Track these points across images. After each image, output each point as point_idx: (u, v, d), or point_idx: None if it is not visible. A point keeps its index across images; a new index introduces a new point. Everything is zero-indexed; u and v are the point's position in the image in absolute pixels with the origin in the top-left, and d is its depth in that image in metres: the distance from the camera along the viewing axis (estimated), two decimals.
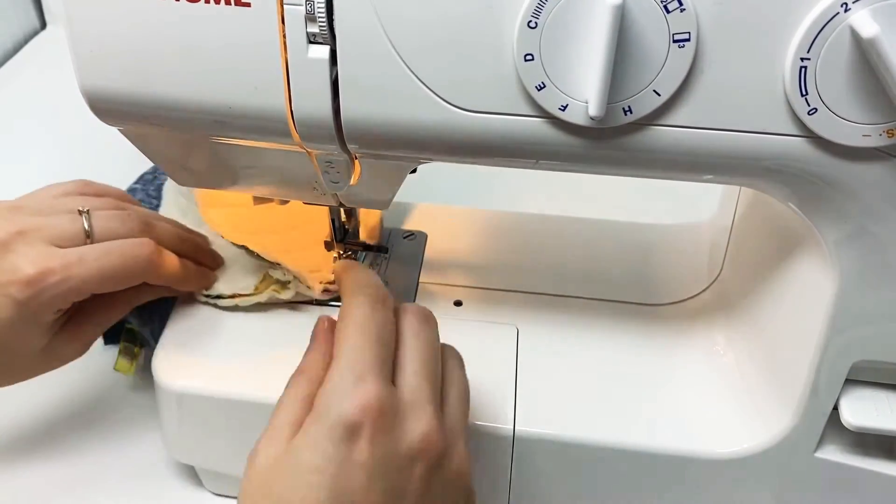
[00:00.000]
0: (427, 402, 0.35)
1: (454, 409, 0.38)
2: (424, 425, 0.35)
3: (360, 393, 0.34)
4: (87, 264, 0.42)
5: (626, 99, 0.33)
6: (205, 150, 0.42)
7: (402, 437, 0.34)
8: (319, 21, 0.33)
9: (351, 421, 0.33)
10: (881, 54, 0.30)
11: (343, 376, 0.35)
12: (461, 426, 0.37)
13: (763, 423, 0.45)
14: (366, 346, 0.36)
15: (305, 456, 0.33)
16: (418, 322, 0.39)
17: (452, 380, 0.39)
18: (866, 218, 0.36)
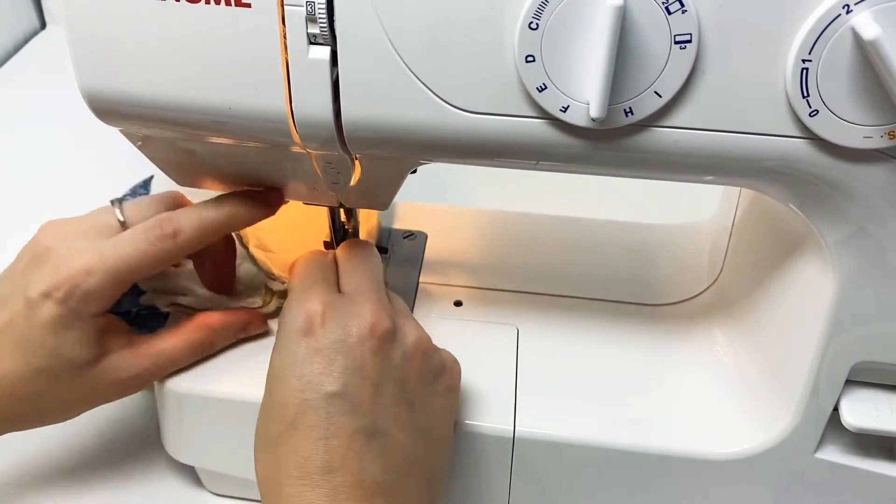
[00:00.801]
0: (369, 291, 0.42)
1: (397, 301, 0.44)
2: (368, 308, 0.40)
3: (306, 301, 0.40)
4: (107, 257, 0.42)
5: (628, 100, 0.33)
6: (205, 151, 0.42)
7: (350, 322, 0.39)
8: (320, 22, 0.33)
9: (303, 323, 0.39)
10: (883, 56, 0.30)
11: (292, 299, 0.41)
12: (408, 312, 0.43)
13: (763, 424, 0.45)
14: (307, 276, 0.43)
15: (275, 361, 0.40)
16: (351, 248, 0.46)
17: None
18: (867, 219, 0.36)
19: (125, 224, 0.44)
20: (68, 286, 0.41)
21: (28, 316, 0.41)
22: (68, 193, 0.47)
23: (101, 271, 0.42)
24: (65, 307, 0.41)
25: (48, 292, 0.41)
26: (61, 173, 0.76)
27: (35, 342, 0.42)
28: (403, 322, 0.42)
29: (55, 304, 0.41)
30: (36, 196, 0.73)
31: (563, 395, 0.47)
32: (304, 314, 0.40)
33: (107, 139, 0.44)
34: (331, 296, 0.41)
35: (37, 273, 0.42)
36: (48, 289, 0.41)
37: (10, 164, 0.78)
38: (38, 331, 0.41)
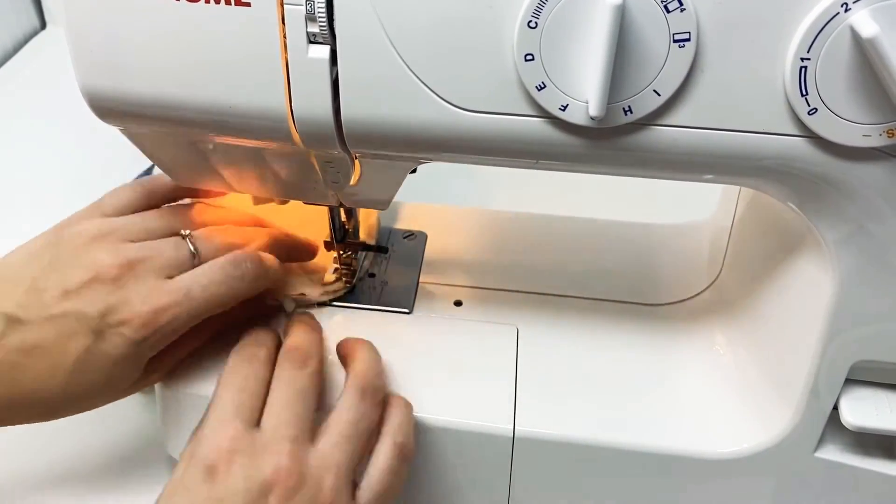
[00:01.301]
0: (284, 439, 0.38)
1: (329, 446, 0.39)
2: (277, 459, 0.37)
3: (217, 436, 0.38)
4: (194, 298, 0.42)
5: (627, 99, 0.33)
6: (205, 150, 0.42)
7: (256, 472, 0.37)
8: (319, 21, 0.33)
9: (210, 461, 0.37)
10: (881, 54, 0.30)
11: (205, 426, 0.39)
12: (335, 461, 0.39)
13: (763, 423, 0.45)
14: (228, 398, 0.40)
15: (175, 499, 0.37)
16: (286, 368, 0.42)
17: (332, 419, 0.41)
18: (866, 218, 0.36)
19: (198, 256, 0.44)
20: (150, 329, 0.41)
21: (89, 347, 0.40)
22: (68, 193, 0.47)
23: (187, 313, 0.42)
24: (138, 347, 0.41)
25: (122, 330, 0.40)
26: (61, 173, 0.76)
27: (92, 366, 0.41)
28: (319, 478, 0.38)
29: (130, 344, 0.41)
30: (36, 196, 0.73)
31: (563, 395, 0.47)
32: (212, 452, 0.37)
33: (107, 139, 0.44)
34: (239, 435, 0.38)
35: (105, 301, 0.40)
36: (121, 324, 0.40)
37: (10, 164, 0.78)
38: (100, 359, 0.41)
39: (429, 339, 0.50)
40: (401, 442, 0.41)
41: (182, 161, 0.44)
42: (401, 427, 0.42)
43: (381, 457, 0.41)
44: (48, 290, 0.41)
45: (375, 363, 0.44)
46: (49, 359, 0.40)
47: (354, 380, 0.42)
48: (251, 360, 0.42)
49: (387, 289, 0.53)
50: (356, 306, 0.52)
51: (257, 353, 0.42)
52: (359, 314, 0.52)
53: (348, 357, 0.45)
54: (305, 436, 0.39)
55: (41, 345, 0.40)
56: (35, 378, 0.40)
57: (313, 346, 0.44)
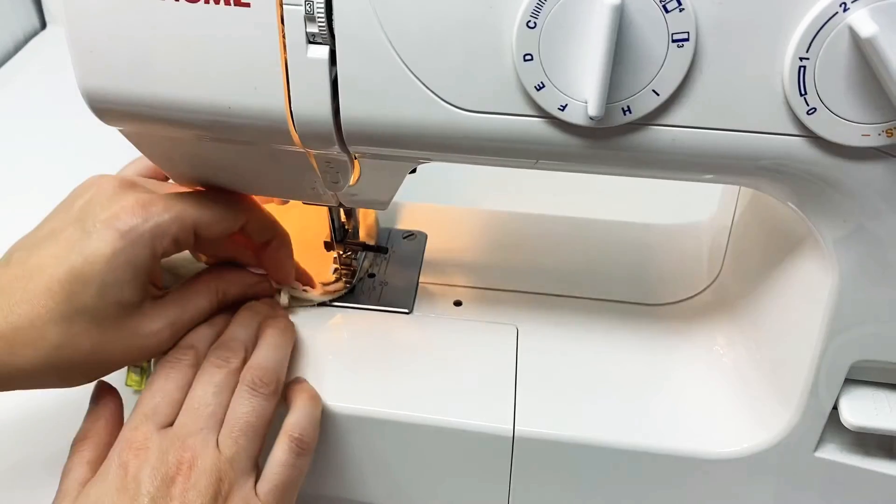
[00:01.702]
0: (187, 434, 0.40)
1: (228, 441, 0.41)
2: (177, 454, 0.39)
3: (131, 437, 0.40)
4: (186, 198, 0.43)
5: (626, 99, 0.33)
6: (204, 151, 0.42)
7: (160, 467, 0.39)
8: (319, 21, 0.33)
9: (123, 461, 0.39)
10: (880, 54, 0.30)
11: (124, 430, 0.41)
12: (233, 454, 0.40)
13: (763, 423, 0.45)
14: (146, 400, 0.42)
15: (91, 496, 0.39)
16: (206, 369, 0.43)
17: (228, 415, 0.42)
18: (866, 217, 0.36)
19: None
20: (139, 217, 0.41)
21: (83, 248, 0.40)
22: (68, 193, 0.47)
23: (181, 208, 0.42)
24: (125, 240, 0.40)
25: (110, 223, 0.40)
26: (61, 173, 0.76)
27: (85, 276, 0.40)
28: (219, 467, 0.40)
29: (117, 237, 0.40)
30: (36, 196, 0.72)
31: (562, 394, 0.47)
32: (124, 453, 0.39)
33: (107, 139, 0.44)
34: (153, 433, 0.40)
35: (95, 206, 0.41)
36: (109, 219, 0.40)
37: (10, 164, 0.78)
38: (92, 263, 0.40)
39: (429, 339, 0.50)
40: (297, 437, 0.42)
41: (181, 161, 0.44)
42: (297, 423, 0.43)
43: (279, 450, 0.42)
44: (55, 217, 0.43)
45: (275, 355, 0.45)
46: (44, 276, 0.40)
47: (247, 372, 0.43)
48: (174, 365, 0.43)
49: (387, 289, 0.53)
50: (356, 306, 0.52)
51: (182, 358, 0.44)
52: (359, 314, 0.52)
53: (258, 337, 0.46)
54: (211, 430, 0.41)
55: (41, 263, 0.40)
56: (30, 299, 0.40)
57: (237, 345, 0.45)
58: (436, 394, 0.46)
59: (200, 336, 0.45)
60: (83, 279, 0.40)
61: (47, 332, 0.40)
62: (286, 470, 0.42)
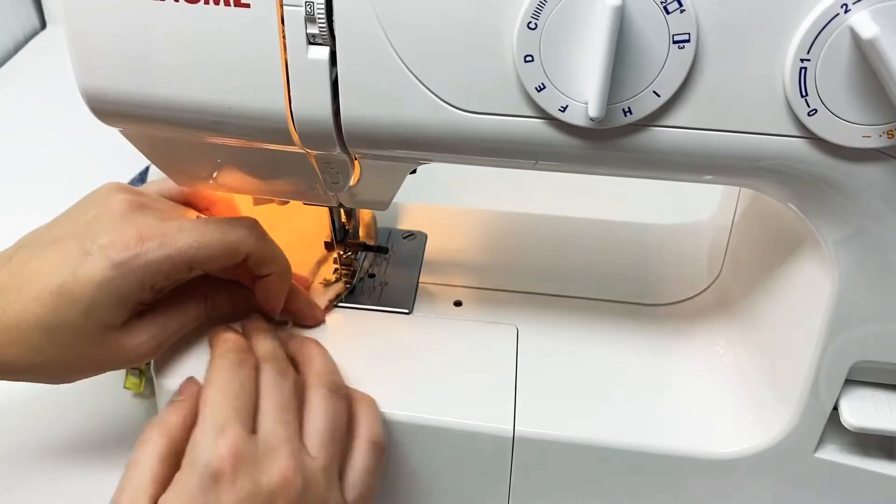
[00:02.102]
0: (281, 443, 0.39)
1: (316, 449, 0.40)
2: (279, 465, 0.38)
3: (220, 443, 0.37)
4: (185, 233, 0.42)
5: (626, 100, 0.33)
6: (204, 151, 0.42)
7: (261, 478, 0.37)
8: (319, 22, 0.33)
9: (213, 469, 0.37)
10: (881, 55, 0.30)
11: (206, 432, 0.38)
12: (324, 463, 0.40)
13: (763, 424, 0.45)
14: (224, 402, 0.39)
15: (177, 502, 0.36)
16: (273, 375, 0.42)
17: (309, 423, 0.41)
18: (866, 218, 0.36)
19: None
20: (132, 252, 0.41)
21: (77, 267, 0.40)
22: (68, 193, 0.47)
23: (176, 245, 0.41)
24: (117, 271, 0.40)
25: (105, 251, 0.40)
26: (61, 173, 0.76)
27: (73, 295, 0.40)
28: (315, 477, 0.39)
29: (110, 266, 0.40)
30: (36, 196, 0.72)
31: (563, 395, 0.47)
32: (215, 459, 0.37)
33: (107, 139, 0.44)
34: (242, 438, 0.38)
35: (98, 228, 0.41)
36: (105, 246, 0.41)
37: (9, 164, 0.78)
38: (81, 285, 0.40)
39: (429, 340, 0.50)
40: (375, 441, 0.42)
41: (181, 161, 0.44)
42: (371, 426, 0.43)
43: (359, 458, 0.42)
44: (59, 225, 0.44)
45: (330, 360, 0.45)
46: (39, 282, 0.41)
47: (318, 379, 0.43)
48: (241, 366, 0.42)
49: (387, 289, 0.53)
50: (356, 306, 0.52)
51: (246, 360, 0.43)
52: (359, 314, 0.52)
53: (300, 357, 0.45)
54: (299, 440, 0.40)
55: (38, 269, 0.41)
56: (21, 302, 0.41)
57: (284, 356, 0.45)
58: (436, 394, 0.46)
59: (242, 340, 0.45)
60: (71, 297, 0.41)
61: (32, 336, 0.41)
62: (369, 477, 0.42)
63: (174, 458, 0.38)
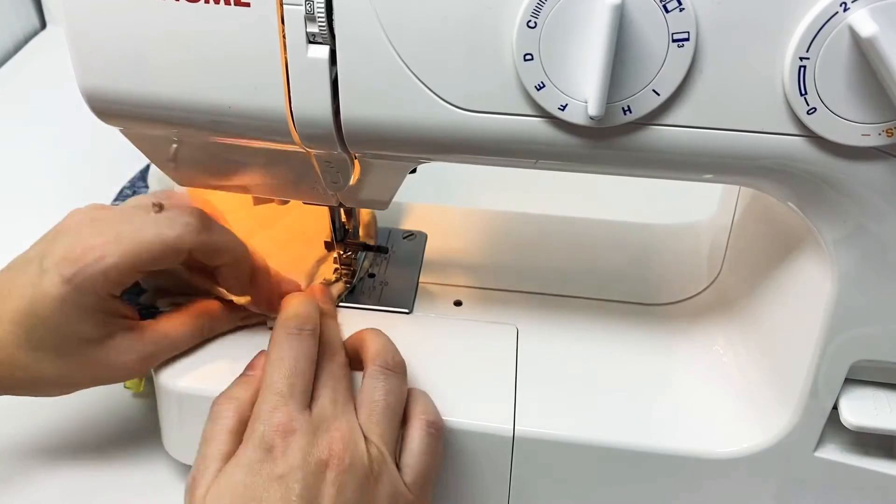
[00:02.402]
0: (333, 418, 0.40)
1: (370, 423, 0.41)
2: (327, 439, 0.39)
3: (274, 418, 0.39)
4: (123, 239, 0.42)
5: (626, 98, 0.33)
6: (204, 151, 0.42)
7: (312, 450, 0.39)
8: (319, 21, 0.33)
9: (267, 441, 0.39)
10: (880, 53, 0.30)
11: (262, 408, 0.40)
12: (378, 436, 0.41)
13: (763, 423, 0.45)
14: (281, 378, 0.41)
15: (237, 476, 0.38)
16: (328, 354, 0.44)
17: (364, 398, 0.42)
18: (866, 217, 0.36)
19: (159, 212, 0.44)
20: (78, 266, 0.41)
21: (37, 285, 0.41)
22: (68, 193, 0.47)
23: (116, 254, 0.41)
24: (70, 285, 0.41)
25: (58, 267, 0.41)
26: (61, 173, 0.76)
27: (39, 313, 0.42)
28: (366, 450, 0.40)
29: (62, 281, 0.41)
30: (36, 196, 0.73)
31: (562, 395, 0.47)
32: (268, 432, 0.39)
33: (107, 139, 0.44)
34: (295, 412, 0.40)
35: (54, 246, 0.42)
36: (58, 263, 0.41)
37: (9, 164, 0.78)
38: (44, 303, 0.41)
39: (429, 339, 0.50)
40: (432, 420, 0.43)
41: (180, 161, 0.44)
42: (427, 406, 0.44)
43: (416, 436, 0.42)
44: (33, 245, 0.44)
45: (389, 343, 0.45)
46: (12, 304, 0.42)
47: (376, 358, 0.44)
48: (300, 337, 0.43)
49: (387, 289, 0.53)
50: (356, 306, 0.52)
51: (304, 328, 0.43)
52: (359, 314, 0.52)
53: (360, 344, 0.46)
54: (349, 410, 0.41)
55: (10, 290, 0.42)
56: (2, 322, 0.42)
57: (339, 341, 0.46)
58: (436, 393, 0.46)
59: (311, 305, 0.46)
60: (37, 316, 0.42)
61: (15, 355, 0.43)
62: (427, 457, 0.42)
63: (242, 432, 0.40)
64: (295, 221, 0.54)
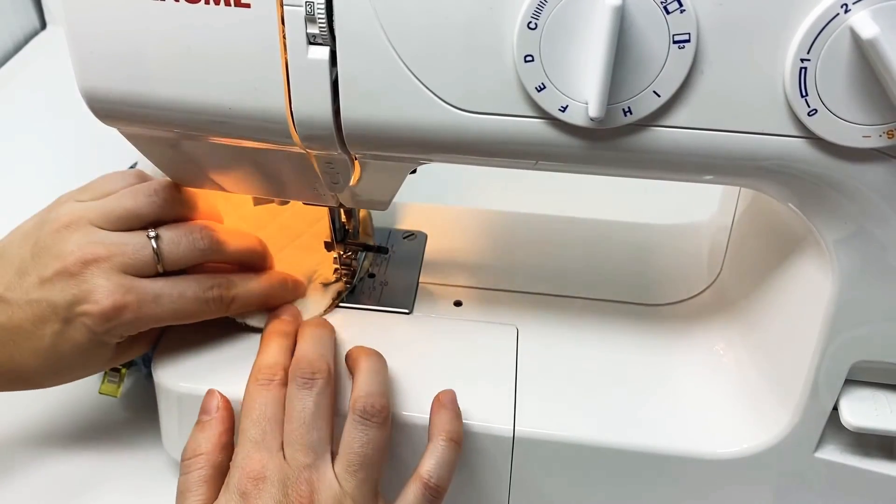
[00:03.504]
0: (301, 469, 0.40)
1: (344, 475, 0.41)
2: (297, 490, 0.39)
3: (245, 467, 0.40)
4: (162, 305, 0.44)
5: (626, 100, 0.33)
6: (205, 151, 0.42)
7: (282, 499, 0.39)
8: (319, 22, 0.33)
9: (240, 489, 0.39)
10: (881, 55, 0.30)
11: (236, 458, 0.41)
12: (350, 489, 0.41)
13: (763, 423, 0.45)
14: (250, 428, 0.42)
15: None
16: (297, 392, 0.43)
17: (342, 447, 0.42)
18: (866, 218, 0.36)
19: (161, 259, 0.44)
20: (111, 324, 0.43)
21: (60, 332, 0.43)
22: None
23: (154, 318, 0.44)
24: (98, 337, 0.43)
25: (84, 319, 0.43)
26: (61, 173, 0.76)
27: (62, 353, 0.44)
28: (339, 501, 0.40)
29: (91, 333, 0.43)
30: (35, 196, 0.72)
31: (562, 395, 0.47)
32: (242, 483, 0.39)
33: (106, 139, 0.44)
34: (268, 461, 0.40)
35: (71, 291, 0.42)
36: (83, 315, 0.42)
37: (9, 164, 0.78)
38: (68, 346, 0.43)
39: (429, 339, 0.50)
40: (433, 485, 0.42)
41: (181, 162, 0.44)
42: (433, 468, 0.42)
43: (410, 496, 0.42)
44: (29, 275, 0.43)
45: (377, 381, 0.44)
46: (29, 339, 0.43)
47: (359, 401, 0.43)
48: (267, 386, 0.43)
49: (387, 289, 0.53)
50: (356, 306, 0.52)
51: (273, 378, 0.44)
52: (359, 314, 0.52)
53: (352, 370, 0.46)
54: (323, 458, 0.41)
55: (22, 325, 0.43)
56: (18, 354, 0.44)
57: (319, 359, 0.44)
58: (436, 394, 0.46)
59: (282, 352, 0.45)
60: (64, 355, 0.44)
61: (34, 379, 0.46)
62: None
63: (218, 477, 0.41)
64: (288, 221, 0.54)
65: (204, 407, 0.45)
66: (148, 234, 0.44)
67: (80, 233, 0.44)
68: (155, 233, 0.45)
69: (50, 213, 0.45)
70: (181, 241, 0.45)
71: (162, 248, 0.44)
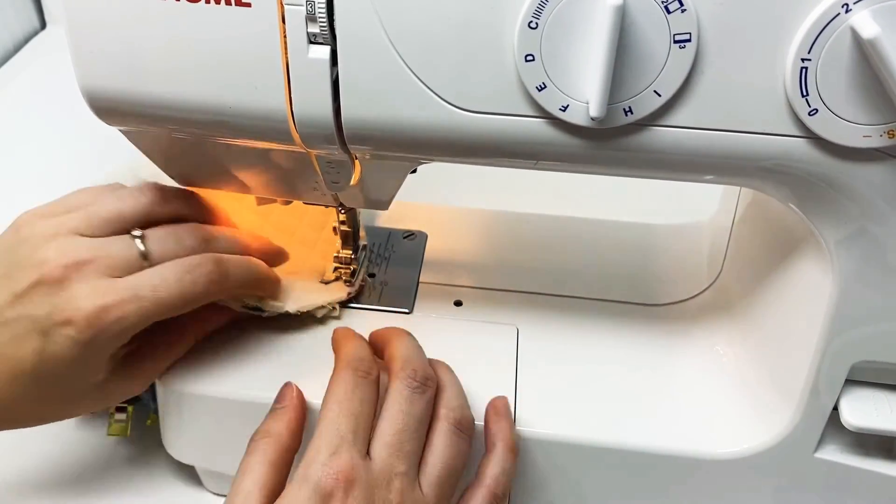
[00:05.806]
0: (394, 476, 0.38)
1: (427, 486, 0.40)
2: (387, 494, 0.38)
3: (333, 464, 0.37)
4: (143, 298, 0.40)
5: (627, 99, 0.33)
6: (205, 151, 0.42)
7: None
8: (320, 21, 0.33)
9: (325, 489, 0.37)
10: (882, 55, 0.30)
11: (320, 449, 0.38)
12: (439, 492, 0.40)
13: (763, 424, 0.45)
14: (342, 420, 0.39)
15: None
16: (399, 394, 0.41)
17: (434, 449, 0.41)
18: (866, 218, 0.36)
19: (148, 257, 0.42)
20: (94, 330, 0.39)
21: (40, 349, 0.39)
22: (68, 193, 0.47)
23: (136, 314, 0.40)
24: (86, 347, 0.39)
25: (67, 330, 0.39)
26: (61, 173, 0.76)
27: (46, 372, 0.40)
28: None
29: (75, 344, 0.39)
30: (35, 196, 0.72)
31: (562, 395, 0.47)
32: (328, 478, 0.37)
33: (107, 139, 0.44)
34: (356, 462, 0.38)
35: (50, 301, 0.39)
36: (65, 324, 0.39)
37: (9, 164, 0.78)
38: (54, 365, 0.40)
39: (429, 339, 0.50)
40: (500, 494, 0.41)
41: (181, 161, 0.44)
42: (499, 477, 0.42)
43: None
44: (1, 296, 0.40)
45: (462, 392, 0.44)
46: (9, 364, 0.40)
47: (447, 413, 0.42)
48: (366, 378, 0.41)
49: (387, 289, 0.53)
50: (356, 306, 0.52)
51: (370, 372, 0.42)
52: (359, 314, 0.52)
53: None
54: (415, 468, 0.40)
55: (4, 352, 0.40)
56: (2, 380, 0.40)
57: (428, 367, 0.43)
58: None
59: (367, 348, 0.44)
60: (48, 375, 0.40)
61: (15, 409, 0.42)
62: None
63: (282, 464, 0.39)
64: (280, 218, 0.54)
65: (279, 396, 0.43)
66: (133, 234, 0.42)
67: (60, 241, 0.40)
68: (140, 233, 0.42)
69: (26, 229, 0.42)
70: (168, 238, 0.43)
71: (149, 246, 0.42)
